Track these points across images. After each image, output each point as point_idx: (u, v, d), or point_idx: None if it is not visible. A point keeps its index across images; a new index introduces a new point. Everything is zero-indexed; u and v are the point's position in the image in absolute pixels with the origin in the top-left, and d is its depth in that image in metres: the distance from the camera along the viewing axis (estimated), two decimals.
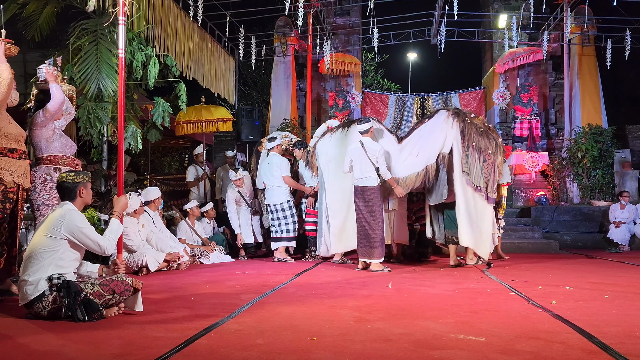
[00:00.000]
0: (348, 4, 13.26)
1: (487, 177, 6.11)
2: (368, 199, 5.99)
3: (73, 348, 2.61)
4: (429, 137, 6.30)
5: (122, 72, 4.20)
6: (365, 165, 5.99)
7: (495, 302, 3.98)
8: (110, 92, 6.15)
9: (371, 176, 5.99)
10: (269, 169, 7.18)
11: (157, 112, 7.07)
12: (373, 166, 5.96)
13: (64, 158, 4.44)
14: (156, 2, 7.66)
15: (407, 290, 4.60)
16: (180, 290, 4.61)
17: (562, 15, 11.07)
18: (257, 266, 6.60)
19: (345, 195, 6.41)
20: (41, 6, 7.13)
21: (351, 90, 12.88)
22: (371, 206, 5.99)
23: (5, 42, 4.02)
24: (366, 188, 6.01)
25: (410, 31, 12.02)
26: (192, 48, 9.12)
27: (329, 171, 6.64)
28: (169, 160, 14.68)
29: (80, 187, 3.52)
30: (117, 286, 3.34)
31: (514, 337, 2.84)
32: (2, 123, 3.95)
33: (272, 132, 9.03)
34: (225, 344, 2.68)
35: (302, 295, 4.28)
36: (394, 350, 2.58)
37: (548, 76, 12.59)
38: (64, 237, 3.32)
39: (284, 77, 12.39)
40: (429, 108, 13.70)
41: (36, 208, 4.30)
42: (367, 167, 5.98)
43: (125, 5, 4.16)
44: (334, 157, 6.59)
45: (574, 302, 3.97)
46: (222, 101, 13.33)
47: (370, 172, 5.98)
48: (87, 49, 6.22)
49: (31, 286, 3.23)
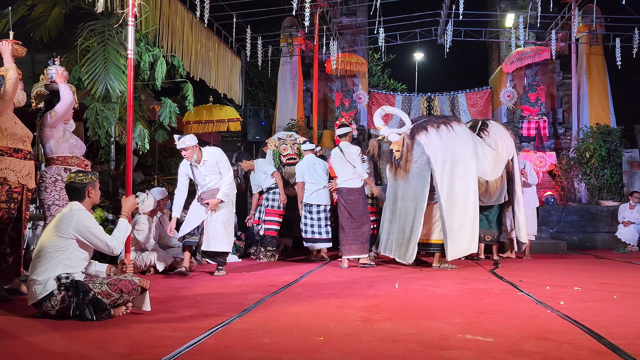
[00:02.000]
0: (354, 4, 13.26)
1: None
2: (354, 200, 6.38)
3: (81, 347, 2.62)
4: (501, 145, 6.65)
5: (131, 73, 4.22)
6: (346, 169, 6.39)
7: (503, 302, 3.97)
8: (117, 92, 6.18)
9: (354, 178, 6.39)
10: (320, 170, 7.02)
11: (164, 112, 7.10)
12: (354, 168, 6.35)
13: (74, 159, 4.47)
14: (163, 3, 7.69)
15: (414, 290, 4.59)
16: (188, 289, 4.62)
17: (570, 15, 11.01)
18: (264, 266, 6.61)
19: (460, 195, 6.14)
20: (49, 8, 7.18)
21: (357, 90, 12.87)
22: (358, 206, 6.38)
23: (12, 43, 4.05)
24: (352, 189, 6.40)
25: (416, 31, 12.00)
26: (199, 49, 9.15)
27: (443, 170, 6.08)
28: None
29: (89, 188, 3.54)
30: (125, 286, 3.36)
31: (522, 337, 2.82)
32: (7, 123, 3.98)
33: (278, 133, 9.04)
34: (232, 344, 2.68)
35: (309, 295, 4.29)
36: (401, 350, 2.58)
37: (555, 75, 12.53)
38: (72, 236, 3.34)
39: (291, 78, 12.40)
40: (436, 108, 13.68)
41: (47, 208, 4.33)
42: (348, 170, 6.38)
43: (134, 7, 4.18)
44: (450, 157, 6.08)
45: (583, 302, 3.95)
46: (228, 101, 13.36)
47: (352, 174, 6.38)
48: (94, 50, 6.24)
49: (40, 285, 3.25)
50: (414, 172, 6.10)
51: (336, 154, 6.48)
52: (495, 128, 6.81)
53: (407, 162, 6.10)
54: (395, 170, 6.27)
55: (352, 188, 6.39)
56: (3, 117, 3.95)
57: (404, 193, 6.19)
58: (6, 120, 3.98)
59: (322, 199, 6.94)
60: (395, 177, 6.32)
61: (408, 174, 6.12)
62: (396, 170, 6.25)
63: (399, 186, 6.26)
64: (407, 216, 6.10)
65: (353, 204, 6.38)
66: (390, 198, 6.45)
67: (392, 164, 6.35)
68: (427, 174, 6.03)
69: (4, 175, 3.93)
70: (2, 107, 3.93)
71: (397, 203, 6.27)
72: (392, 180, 6.44)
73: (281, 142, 7.98)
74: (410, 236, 6.02)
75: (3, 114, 3.95)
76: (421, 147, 6.08)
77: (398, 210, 6.23)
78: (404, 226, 6.11)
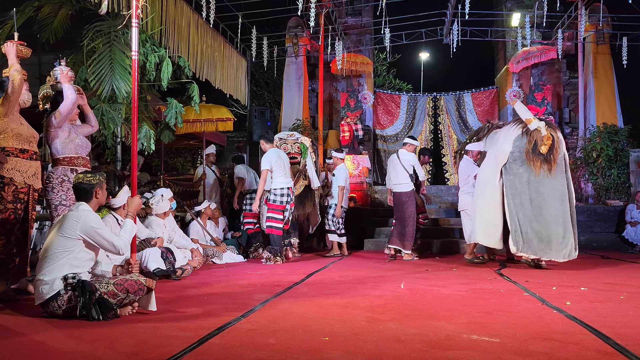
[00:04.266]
0: (360, 4, 13.23)
1: None
2: (403, 202, 7.23)
3: (87, 346, 2.64)
4: None
5: (135, 73, 4.23)
6: (399, 174, 7.27)
7: (509, 302, 3.96)
8: (123, 93, 6.20)
9: (405, 183, 7.23)
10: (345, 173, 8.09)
11: (170, 113, 7.12)
12: (406, 174, 7.20)
13: (80, 159, 4.49)
14: (169, 4, 7.71)
15: (420, 290, 4.58)
16: (193, 289, 4.63)
17: (577, 14, 10.96)
18: (269, 266, 6.62)
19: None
20: (56, 9, 7.20)
21: (363, 90, 12.85)
22: (405, 206, 7.21)
23: (17, 44, 4.08)
24: (401, 193, 7.26)
25: (422, 31, 11.97)
26: (205, 49, 9.16)
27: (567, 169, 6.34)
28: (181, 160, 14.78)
29: (97, 188, 3.56)
30: (131, 286, 3.38)
31: (528, 338, 2.82)
32: (13, 124, 4.00)
33: (280, 133, 9.04)
34: (237, 344, 2.69)
35: (314, 295, 4.29)
36: (406, 350, 2.57)
37: (562, 75, 12.47)
38: (79, 237, 3.36)
39: (296, 78, 12.40)
40: (442, 108, 13.65)
41: (53, 208, 4.35)
42: (400, 175, 7.25)
43: (138, 8, 4.19)
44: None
45: (589, 303, 3.93)
46: (234, 102, 13.39)
47: (403, 179, 7.24)
48: (100, 51, 6.26)
49: (46, 285, 3.26)
50: (559, 167, 6.17)
51: (393, 160, 7.36)
52: None
53: (556, 156, 6.15)
54: (540, 165, 6.16)
55: (402, 192, 7.25)
56: (8, 117, 3.98)
57: (551, 188, 6.14)
58: (12, 121, 4.01)
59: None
60: (538, 172, 6.19)
61: (555, 168, 6.15)
62: (541, 164, 6.16)
63: (541, 182, 6.16)
64: (557, 213, 6.08)
65: (402, 205, 7.23)
66: (526, 194, 6.22)
67: (535, 158, 6.18)
68: (564, 170, 6.19)
69: (10, 176, 3.95)
70: (7, 108, 3.96)
71: (539, 199, 6.15)
72: (528, 175, 6.22)
73: (282, 142, 8.01)
74: (565, 233, 6.03)
75: (8, 114, 3.98)
76: (562, 144, 6.26)
77: (541, 206, 6.14)
78: (555, 224, 6.06)
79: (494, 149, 6.60)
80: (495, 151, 6.53)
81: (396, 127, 13.65)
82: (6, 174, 3.93)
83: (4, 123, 3.97)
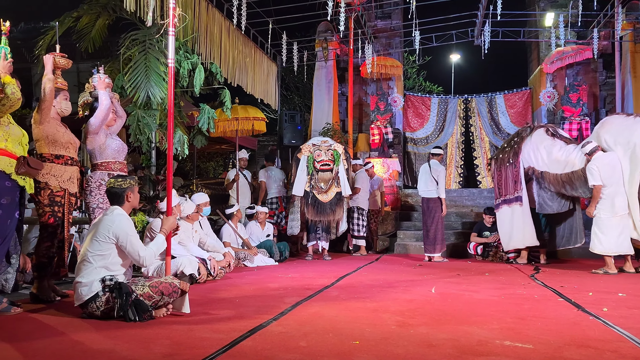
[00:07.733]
0: (389, 7, 13.20)
1: None
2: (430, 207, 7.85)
3: (125, 347, 2.72)
4: None
5: (171, 80, 4.34)
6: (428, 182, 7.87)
7: (543, 308, 3.89)
8: (158, 99, 6.35)
9: (432, 190, 7.84)
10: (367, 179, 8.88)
11: (202, 118, 7.26)
12: (435, 183, 7.79)
13: (117, 164, 4.62)
14: (202, 11, 7.87)
15: (451, 295, 4.54)
16: (225, 292, 4.71)
17: (613, 12, 10.66)
18: (300, 269, 6.66)
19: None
20: (94, 19, 7.45)
21: (393, 93, 12.81)
22: (431, 212, 7.84)
23: (56, 57, 4.23)
24: (429, 199, 7.89)
25: (452, 32, 11.85)
26: (236, 55, 9.30)
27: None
28: (213, 164, 15.01)
29: (128, 192, 3.66)
30: (166, 288, 3.46)
31: (563, 344, 2.76)
32: (49, 130, 4.16)
33: (312, 138, 9.09)
34: (269, 346, 2.73)
35: (344, 298, 4.30)
36: (437, 355, 2.56)
37: (598, 75, 12.15)
38: (111, 240, 3.46)
39: (326, 82, 12.45)
40: (473, 110, 13.47)
41: (92, 211, 4.50)
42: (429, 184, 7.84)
43: (175, 17, 4.30)
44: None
45: (627, 309, 3.83)
46: (264, 106, 13.51)
47: (431, 187, 7.84)
48: (136, 59, 6.44)
49: (85, 287, 3.38)
50: None
51: (424, 168, 8.00)
52: None
53: None
54: None
55: (430, 198, 7.89)
56: (44, 125, 4.14)
57: None
58: (48, 127, 4.16)
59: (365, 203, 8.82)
60: None
61: None
62: None
63: None
64: None
65: (429, 210, 7.89)
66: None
67: None
68: None
69: (45, 180, 4.12)
70: (42, 116, 4.12)
71: None
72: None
73: (315, 148, 8.04)
74: None
75: (43, 122, 4.14)
76: None
77: None
78: None
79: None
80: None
81: (426, 130, 13.54)
82: (42, 179, 4.10)
83: (40, 130, 4.14)
